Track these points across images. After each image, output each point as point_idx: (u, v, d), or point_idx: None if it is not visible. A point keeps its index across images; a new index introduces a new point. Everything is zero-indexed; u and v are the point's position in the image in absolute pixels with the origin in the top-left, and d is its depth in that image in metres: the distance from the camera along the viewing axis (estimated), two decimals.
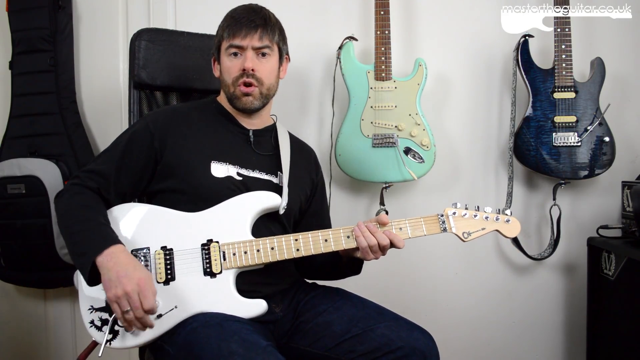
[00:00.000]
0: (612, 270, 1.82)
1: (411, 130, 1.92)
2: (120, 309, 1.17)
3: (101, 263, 1.19)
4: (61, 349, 2.25)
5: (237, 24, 1.39)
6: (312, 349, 1.33)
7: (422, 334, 1.31)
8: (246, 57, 1.38)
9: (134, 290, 1.16)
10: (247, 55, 1.38)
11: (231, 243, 1.30)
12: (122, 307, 1.17)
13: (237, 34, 1.38)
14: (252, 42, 1.38)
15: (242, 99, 1.41)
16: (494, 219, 1.37)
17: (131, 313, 1.17)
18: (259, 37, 1.38)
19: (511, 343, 2.16)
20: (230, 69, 1.40)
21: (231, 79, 1.40)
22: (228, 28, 1.39)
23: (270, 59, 1.42)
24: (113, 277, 1.17)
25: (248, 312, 1.27)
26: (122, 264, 1.19)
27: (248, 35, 1.37)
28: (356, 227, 1.31)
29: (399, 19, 2.08)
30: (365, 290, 1.51)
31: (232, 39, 1.38)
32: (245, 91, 1.39)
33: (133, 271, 1.18)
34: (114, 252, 1.20)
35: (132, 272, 1.18)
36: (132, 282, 1.16)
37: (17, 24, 2.03)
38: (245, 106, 1.41)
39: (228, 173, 1.37)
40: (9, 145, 2.05)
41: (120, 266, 1.18)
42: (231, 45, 1.39)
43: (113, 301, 1.17)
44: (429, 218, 1.35)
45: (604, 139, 1.92)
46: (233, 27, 1.38)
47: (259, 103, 1.42)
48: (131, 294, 1.16)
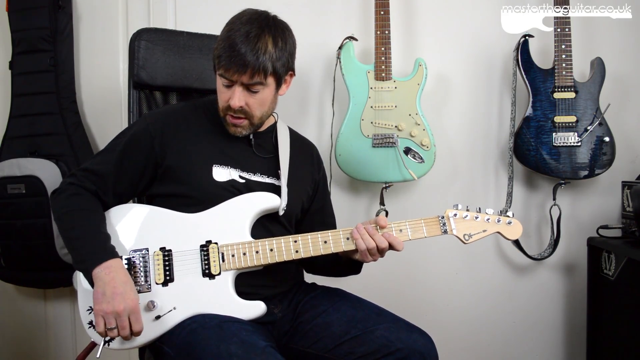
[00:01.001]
0: (612, 270, 1.82)
1: (411, 130, 1.92)
2: (105, 325, 1.17)
3: (97, 275, 1.19)
4: (61, 349, 2.25)
5: (229, 57, 1.27)
6: (311, 350, 1.33)
7: (422, 335, 1.31)
8: (234, 93, 1.30)
9: (125, 310, 1.17)
10: (236, 91, 1.30)
11: (230, 244, 1.30)
12: (107, 324, 1.17)
13: (227, 68, 1.28)
14: (241, 79, 1.28)
15: (230, 127, 1.37)
16: (495, 220, 1.36)
17: (115, 331, 1.18)
18: (250, 76, 1.28)
19: (511, 343, 2.16)
20: (221, 95, 1.34)
21: (221, 105, 1.35)
22: (222, 56, 1.28)
23: (263, 91, 1.33)
24: (108, 292, 1.17)
25: (246, 314, 1.27)
26: (120, 282, 1.19)
27: (237, 72, 1.27)
28: (355, 230, 1.31)
29: (399, 19, 2.07)
30: (364, 290, 1.51)
31: (223, 70, 1.29)
32: (234, 122, 1.35)
33: (129, 292, 1.19)
34: (113, 267, 1.20)
35: (127, 293, 1.18)
36: (125, 303, 1.17)
37: (17, 24, 2.03)
38: (234, 134, 1.38)
39: (230, 176, 1.36)
40: (9, 145, 2.05)
41: (117, 283, 1.18)
42: (222, 75, 1.30)
43: (99, 315, 1.17)
44: (429, 220, 1.35)
45: (604, 139, 1.92)
46: (224, 60, 1.27)
47: (248, 132, 1.39)
48: (122, 314, 1.17)
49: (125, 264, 1.26)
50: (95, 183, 1.32)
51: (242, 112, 1.33)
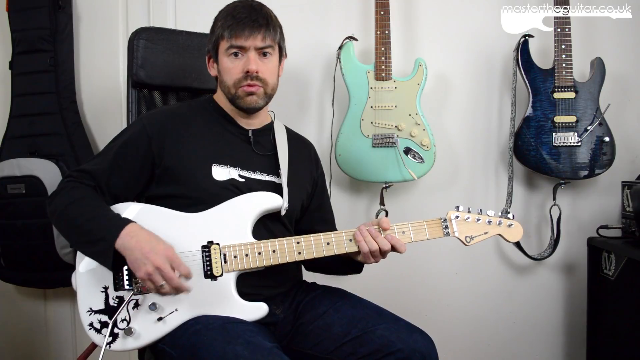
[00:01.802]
0: (612, 270, 1.82)
1: (411, 130, 1.92)
2: (155, 285, 1.17)
3: (122, 245, 1.18)
4: (61, 348, 2.25)
5: (239, 24, 1.33)
6: (313, 351, 1.33)
7: (422, 336, 1.31)
8: (249, 58, 1.34)
9: (164, 262, 1.16)
10: (250, 56, 1.34)
11: (232, 245, 1.29)
12: (155, 282, 1.17)
13: (239, 34, 1.33)
14: (255, 42, 1.34)
15: (245, 98, 1.37)
16: (496, 223, 1.36)
17: (166, 286, 1.17)
18: (262, 38, 1.34)
19: (511, 343, 2.16)
20: (231, 70, 1.36)
21: (232, 80, 1.37)
22: (229, 28, 1.34)
23: (272, 59, 1.39)
24: (139, 255, 1.16)
25: (249, 315, 1.27)
26: (145, 240, 1.19)
27: (251, 35, 1.33)
28: (357, 232, 1.31)
29: (399, 19, 2.07)
30: (365, 290, 1.51)
31: (234, 39, 1.33)
32: (250, 90, 1.36)
33: (157, 245, 1.19)
34: (133, 231, 1.20)
35: (157, 246, 1.18)
36: (160, 256, 1.17)
37: (17, 23, 2.03)
38: (249, 105, 1.38)
39: (230, 176, 1.36)
40: (9, 145, 2.05)
41: (144, 242, 1.18)
42: (232, 46, 1.34)
43: (146, 279, 1.17)
44: (431, 222, 1.34)
45: (604, 139, 1.92)
46: (235, 27, 1.33)
47: (262, 102, 1.40)
48: (163, 267, 1.16)
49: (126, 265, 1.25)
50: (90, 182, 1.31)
51: (257, 79, 1.36)
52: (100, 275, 1.26)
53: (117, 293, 1.25)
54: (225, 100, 1.44)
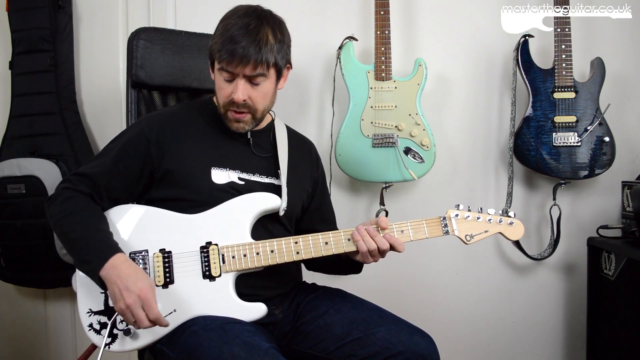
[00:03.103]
0: (612, 270, 1.82)
1: (411, 130, 1.92)
2: (128, 321, 1.19)
3: (105, 277, 1.19)
4: (61, 348, 2.25)
5: (230, 52, 1.26)
6: (313, 351, 1.33)
7: (423, 337, 1.31)
8: (237, 86, 1.29)
9: (135, 303, 1.16)
10: (239, 84, 1.29)
11: (230, 246, 1.29)
12: (128, 320, 1.18)
13: (229, 61, 1.27)
14: (244, 71, 1.28)
15: (233, 123, 1.35)
16: (497, 221, 1.35)
17: (136, 325, 1.18)
18: (253, 68, 1.27)
19: (511, 343, 2.16)
20: (221, 91, 1.33)
21: (222, 101, 1.34)
22: (222, 50, 1.28)
23: (265, 84, 1.33)
24: (116, 291, 1.17)
25: (248, 315, 1.27)
26: (124, 276, 1.18)
27: (240, 65, 1.27)
28: (355, 231, 1.30)
29: (399, 19, 2.07)
30: (365, 290, 1.51)
31: (225, 64, 1.28)
32: (237, 118, 1.34)
33: (134, 284, 1.17)
34: (115, 265, 1.19)
35: (133, 285, 1.17)
36: (132, 295, 1.16)
37: (17, 23, 2.03)
38: (236, 130, 1.37)
39: (229, 179, 1.35)
40: (9, 145, 2.05)
41: (121, 279, 1.17)
42: (222, 69, 1.30)
43: (121, 314, 1.18)
44: (431, 220, 1.34)
45: (604, 139, 1.92)
46: (225, 54, 1.27)
47: (250, 127, 1.38)
48: (133, 307, 1.15)
49: None
50: (90, 187, 1.30)
51: (245, 107, 1.33)
52: None
53: None
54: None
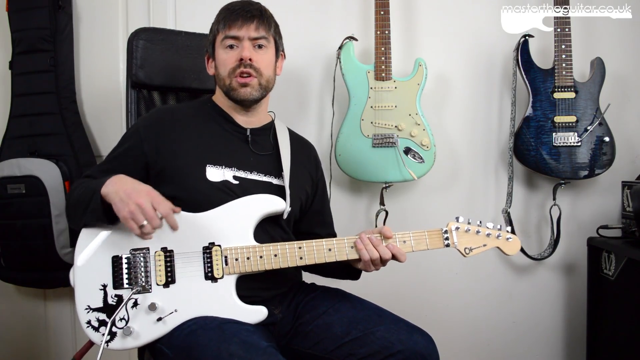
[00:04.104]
0: (612, 270, 1.82)
1: (411, 130, 1.92)
2: (137, 224, 1.15)
3: (107, 190, 1.19)
4: (61, 348, 2.25)
5: (232, 15, 1.37)
6: (312, 351, 1.33)
7: (422, 336, 1.31)
8: (243, 47, 1.36)
9: (146, 200, 1.15)
10: (245, 45, 1.36)
11: (234, 248, 1.28)
12: (137, 221, 1.14)
13: (233, 24, 1.36)
14: (248, 32, 1.36)
15: (239, 90, 1.37)
16: (495, 236, 1.36)
17: (148, 226, 1.15)
18: (256, 27, 1.37)
19: (511, 343, 2.16)
20: (226, 61, 1.37)
21: (227, 70, 1.37)
22: (223, 20, 1.38)
23: (268, 51, 1.40)
24: (123, 196, 1.16)
25: (248, 318, 1.26)
26: (128, 182, 1.20)
27: (244, 25, 1.36)
28: (358, 240, 1.30)
29: (399, 19, 2.07)
30: (365, 291, 1.51)
31: (228, 29, 1.36)
32: (243, 82, 1.36)
33: (140, 186, 1.19)
34: (117, 177, 1.22)
35: (140, 187, 1.18)
36: (142, 194, 1.16)
37: (17, 23, 2.03)
38: (243, 97, 1.38)
39: (224, 177, 1.35)
40: (9, 145, 2.05)
41: (127, 185, 1.18)
42: (227, 37, 1.37)
43: (128, 218, 1.15)
44: (432, 232, 1.35)
45: (604, 139, 1.92)
46: (229, 18, 1.37)
47: (257, 94, 1.39)
48: (144, 204, 1.14)
49: (126, 263, 1.26)
50: None
51: (251, 67, 1.36)
52: (99, 273, 1.26)
53: (116, 291, 1.25)
54: (223, 99, 1.43)
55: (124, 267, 1.26)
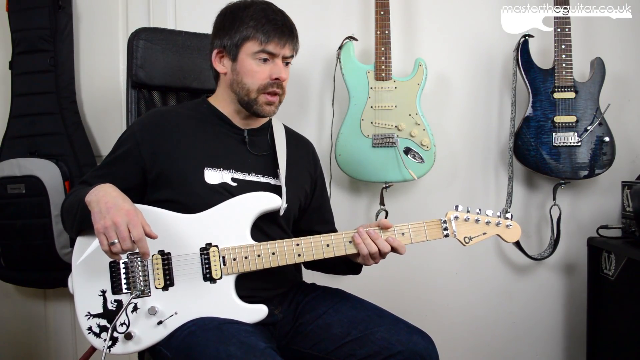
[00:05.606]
0: (612, 270, 1.82)
1: (411, 130, 1.92)
2: (107, 241, 1.12)
3: (90, 199, 1.17)
4: (61, 348, 2.25)
5: (276, 30, 1.31)
6: (312, 351, 1.33)
7: (422, 337, 1.30)
8: (278, 66, 1.34)
9: (122, 220, 1.12)
10: (279, 64, 1.34)
11: (231, 247, 1.28)
12: (109, 238, 1.12)
13: (272, 39, 1.31)
14: (284, 51, 1.34)
15: (264, 107, 1.36)
16: (495, 223, 1.35)
17: (117, 245, 1.12)
18: (291, 48, 1.35)
19: (511, 343, 2.16)
20: (257, 74, 1.33)
21: (257, 85, 1.34)
22: (262, 30, 1.31)
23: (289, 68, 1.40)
24: (102, 208, 1.14)
25: (249, 317, 1.27)
26: (112, 196, 1.17)
27: (285, 43, 1.33)
28: (356, 234, 1.30)
29: (399, 19, 2.07)
30: (365, 291, 1.51)
31: (267, 44, 1.31)
32: (270, 100, 1.36)
33: (122, 203, 1.15)
34: (103, 187, 1.20)
35: (122, 204, 1.15)
36: (120, 213, 1.13)
37: (17, 23, 2.03)
38: (267, 114, 1.38)
39: (222, 179, 1.34)
40: (9, 145, 2.05)
41: (109, 198, 1.16)
42: (264, 51, 1.32)
43: (100, 232, 1.12)
44: (431, 223, 1.34)
45: (604, 139, 1.92)
46: (272, 33, 1.31)
47: (277, 110, 1.40)
48: (119, 224, 1.11)
49: (124, 267, 1.25)
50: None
51: (280, 87, 1.36)
52: (97, 279, 1.26)
53: (116, 297, 1.25)
54: (225, 102, 1.41)
55: (122, 272, 1.25)
